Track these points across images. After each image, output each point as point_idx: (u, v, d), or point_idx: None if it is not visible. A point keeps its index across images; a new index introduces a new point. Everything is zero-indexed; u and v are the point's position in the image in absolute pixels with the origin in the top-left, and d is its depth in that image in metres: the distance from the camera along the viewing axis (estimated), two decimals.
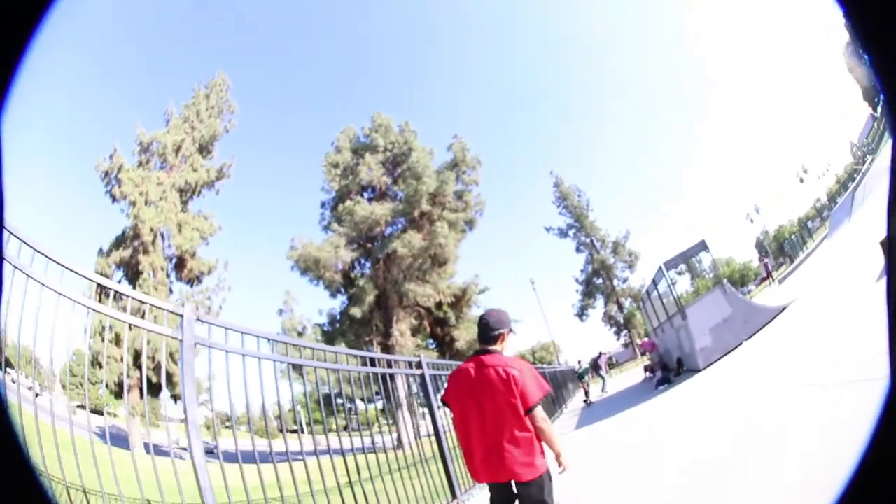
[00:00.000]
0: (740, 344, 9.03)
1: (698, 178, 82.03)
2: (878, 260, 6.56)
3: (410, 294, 23.52)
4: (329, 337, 24.22)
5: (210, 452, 2.54)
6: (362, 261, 25.74)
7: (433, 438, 4.50)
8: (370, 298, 23.36)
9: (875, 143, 28.83)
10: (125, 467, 2.44)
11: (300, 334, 23.88)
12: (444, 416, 4.55)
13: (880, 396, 0.59)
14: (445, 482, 4.30)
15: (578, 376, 16.31)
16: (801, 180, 46.20)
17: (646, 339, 13.58)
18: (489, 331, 2.29)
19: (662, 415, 6.58)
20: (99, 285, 2.39)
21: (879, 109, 34.77)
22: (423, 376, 4.66)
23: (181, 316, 2.48)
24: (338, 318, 25.19)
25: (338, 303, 25.77)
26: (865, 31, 0.55)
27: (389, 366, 4.58)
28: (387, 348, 22.26)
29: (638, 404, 8.91)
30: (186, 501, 2.38)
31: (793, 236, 33.08)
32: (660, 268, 11.25)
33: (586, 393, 14.59)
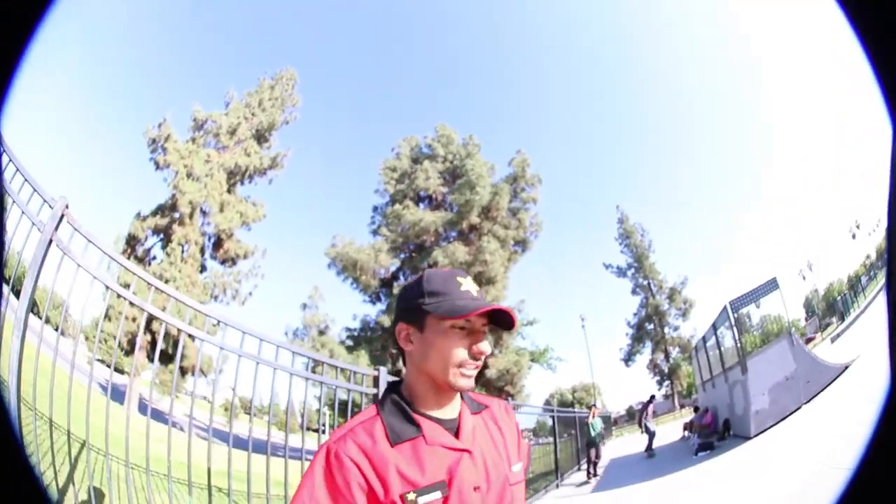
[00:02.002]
0: (798, 408, 8.06)
1: (753, 232, 75.16)
2: None
3: None
4: (356, 341, 24.28)
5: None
6: (407, 271, 25.43)
7: None
8: None
9: None
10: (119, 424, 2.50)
11: (322, 332, 23.98)
12: None
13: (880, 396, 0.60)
14: None
15: (588, 441, 10.45)
16: (854, 236, 42.78)
17: (707, 412, 10.97)
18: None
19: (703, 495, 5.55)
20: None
21: None
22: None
23: (51, 207, 2.16)
24: (371, 324, 25.00)
25: (375, 310, 25.59)
26: (864, 28, 0.57)
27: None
28: None
29: (671, 472, 7.83)
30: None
31: (844, 294, 30.35)
32: (725, 307, 9.98)
33: (592, 464, 9.98)
